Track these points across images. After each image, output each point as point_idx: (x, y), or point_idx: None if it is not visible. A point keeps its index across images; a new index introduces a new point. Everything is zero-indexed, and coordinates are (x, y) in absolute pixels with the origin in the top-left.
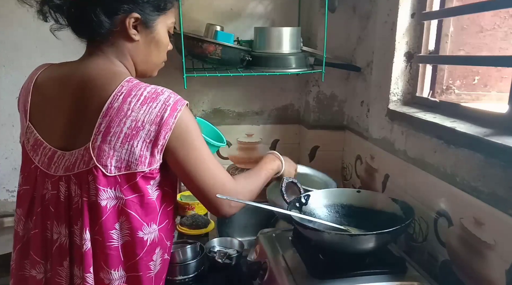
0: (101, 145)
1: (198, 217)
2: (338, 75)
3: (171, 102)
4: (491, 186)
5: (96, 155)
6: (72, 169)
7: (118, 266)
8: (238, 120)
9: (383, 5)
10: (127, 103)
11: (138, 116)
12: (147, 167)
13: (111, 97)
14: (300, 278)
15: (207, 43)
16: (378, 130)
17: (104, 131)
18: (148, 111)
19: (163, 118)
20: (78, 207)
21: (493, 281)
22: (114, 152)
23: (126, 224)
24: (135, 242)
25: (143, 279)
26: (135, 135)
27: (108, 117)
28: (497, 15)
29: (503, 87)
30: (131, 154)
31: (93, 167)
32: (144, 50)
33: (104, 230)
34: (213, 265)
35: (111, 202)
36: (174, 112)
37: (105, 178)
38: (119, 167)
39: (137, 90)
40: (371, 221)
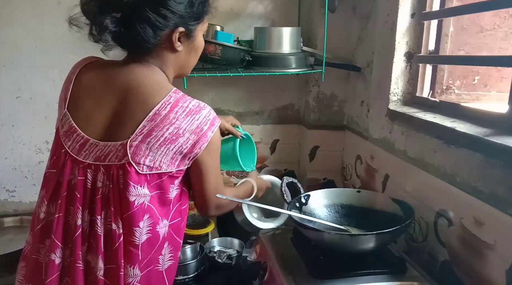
0: (140, 144)
1: (198, 217)
2: (338, 75)
3: (211, 118)
4: (491, 186)
5: (132, 152)
6: (103, 160)
7: (135, 264)
8: (238, 120)
9: (383, 5)
10: (174, 112)
11: (181, 125)
12: (175, 168)
13: (159, 104)
14: (300, 278)
15: (207, 43)
16: (378, 130)
17: (146, 133)
18: (191, 122)
19: (202, 130)
20: (103, 197)
21: (493, 281)
22: (150, 152)
23: (149, 220)
24: (154, 237)
25: (153, 273)
26: (174, 140)
27: (153, 122)
28: (497, 15)
29: (503, 87)
30: (165, 156)
31: (126, 163)
32: (184, 58)
33: (130, 226)
34: (213, 265)
35: (139, 199)
36: (212, 127)
37: (137, 175)
38: (151, 167)
39: (183, 102)
40: (371, 221)
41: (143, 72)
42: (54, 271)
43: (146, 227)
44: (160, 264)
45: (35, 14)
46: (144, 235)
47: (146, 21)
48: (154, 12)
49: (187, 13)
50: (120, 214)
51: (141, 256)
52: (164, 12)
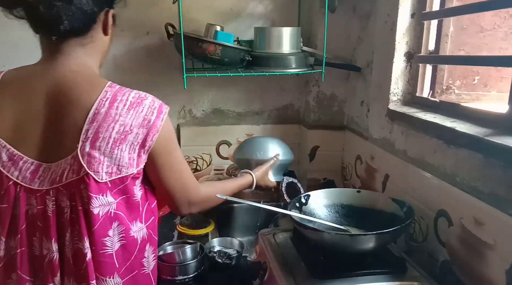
0: (91, 151)
1: (198, 217)
2: (338, 75)
3: (157, 106)
4: (491, 186)
5: (87, 162)
6: (59, 180)
7: (113, 273)
8: (238, 120)
9: (383, 5)
10: (114, 108)
11: (126, 121)
12: (136, 168)
13: (96, 102)
14: (300, 278)
15: (207, 43)
16: (378, 130)
17: (92, 137)
18: (135, 115)
19: (150, 121)
20: (68, 218)
21: (493, 281)
22: (105, 157)
23: (120, 228)
24: (129, 243)
25: (139, 277)
26: (123, 139)
27: (96, 123)
28: (497, 15)
29: (503, 87)
30: (120, 159)
31: (84, 175)
32: (108, 44)
33: (97, 238)
34: (213, 265)
35: (103, 209)
36: (160, 115)
37: (97, 184)
38: (110, 173)
39: (122, 95)
40: (371, 221)
41: (70, 67)
42: None
43: (117, 234)
44: (146, 267)
45: None
46: (117, 243)
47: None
48: None
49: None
50: (87, 230)
51: (117, 264)
52: None
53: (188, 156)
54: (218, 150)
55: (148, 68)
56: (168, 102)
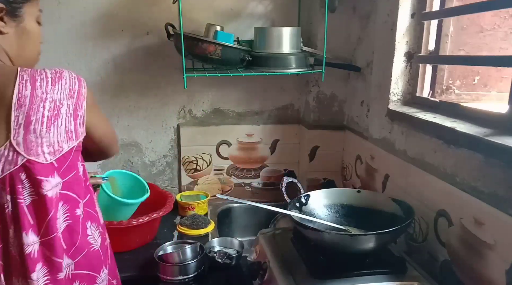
0: (26, 136)
1: (198, 217)
2: (338, 75)
3: (75, 75)
4: (491, 186)
5: (24, 148)
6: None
7: (62, 254)
8: (238, 120)
9: (383, 5)
10: (38, 88)
11: (54, 96)
12: (76, 141)
13: (16, 87)
14: (300, 278)
15: (207, 43)
16: (378, 130)
17: (25, 122)
18: (61, 88)
19: (75, 90)
20: (10, 213)
21: (493, 281)
22: (42, 138)
23: (65, 207)
24: (75, 222)
25: (89, 254)
26: (57, 115)
27: (24, 107)
28: (497, 15)
29: (503, 87)
30: (58, 135)
31: (25, 162)
32: (16, 43)
33: (53, 223)
34: (213, 265)
35: (53, 191)
36: (81, 82)
37: (43, 167)
38: (52, 152)
39: (38, 74)
40: (371, 221)
41: None
42: None
43: (63, 214)
44: (93, 244)
45: None
46: (63, 223)
47: None
48: None
49: None
50: (39, 221)
51: (65, 245)
52: None
53: (188, 156)
54: (218, 150)
55: (148, 68)
56: (168, 102)
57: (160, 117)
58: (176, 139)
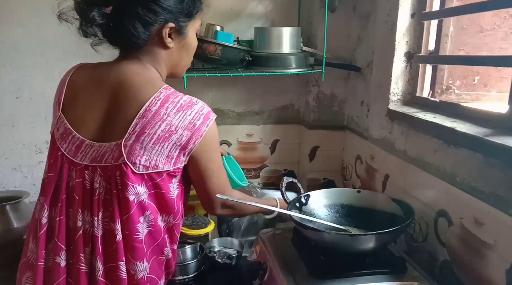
0: (134, 144)
1: (198, 217)
2: (338, 75)
3: (204, 112)
4: (491, 186)
5: (127, 152)
6: (99, 161)
7: (143, 258)
8: (238, 120)
9: (383, 5)
10: (164, 108)
11: (173, 121)
12: (172, 166)
13: (149, 100)
14: (300, 278)
15: (207, 43)
16: (378, 130)
17: (139, 131)
18: (183, 117)
19: (195, 125)
20: (102, 198)
21: (493, 281)
22: (145, 151)
23: (151, 216)
24: (155, 230)
25: (158, 262)
26: (167, 138)
27: (145, 119)
28: (497, 15)
29: (503, 87)
30: (160, 155)
31: (122, 163)
32: (177, 56)
33: (131, 223)
34: (213, 265)
35: (137, 198)
36: (206, 121)
37: (134, 175)
38: (147, 166)
39: (174, 97)
40: (371, 221)
41: (133, 69)
42: (60, 274)
43: (147, 221)
44: (164, 255)
45: (35, 14)
46: (145, 229)
47: (135, 16)
48: (144, 7)
49: (177, 8)
50: (120, 214)
51: (145, 249)
52: (153, 7)
53: None
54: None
55: None
56: None
57: None
58: None
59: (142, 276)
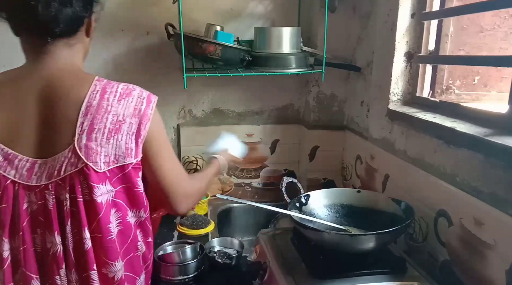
0: (88, 143)
1: (198, 217)
2: (338, 75)
3: (145, 96)
4: (491, 186)
5: (85, 154)
6: (57, 174)
7: (118, 257)
8: (238, 120)
9: (383, 5)
10: (105, 100)
11: (118, 111)
12: (134, 158)
13: (87, 95)
14: (300, 278)
15: (207, 43)
16: (378, 130)
17: (88, 129)
18: (126, 105)
19: (141, 110)
20: (67, 210)
21: (493, 281)
22: (101, 148)
23: (118, 214)
24: (126, 228)
25: (134, 258)
26: (118, 129)
27: (90, 115)
28: (497, 15)
29: (503, 87)
30: (117, 148)
31: (83, 166)
32: (88, 46)
33: (102, 225)
34: (213, 265)
35: (105, 198)
36: (150, 104)
37: (97, 174)
38: (107, 162)
39: (111, 87)
40: (371, 221)
41: (55, 64)
42: None
43: (116, 220)
44: (139, 249)
45: None
46: (116, 228)
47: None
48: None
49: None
50: (88, 220)
51: (119, 248)
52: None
53: (188, 156)
54: None
55: (148, 68)
56: (168, 102)
57: None
58: (176, 139)
59: (121, 275)
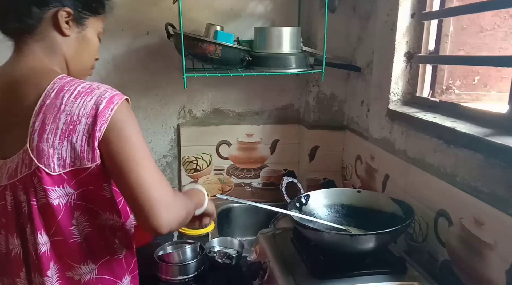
0: (39, 144)
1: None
2: (338, 75)
3: (107, 96)
4: (491, 186)
5: (36, 155)
6: (15, 175)
7: (86, 260)
8: (238, 120)
9: (383, 5)
10: (59, 98)
11: (72, 110)
12: (92, 163)
13: (43, 94)
14: (300, 278)
15: (207, 43)
16: (378, 130)
17: (40, 129)
18: (83, 104)
19: (98, 110)
20: (26, 212)
21: (493, 281)
22: (54, 150)
23: (83, 216)
24: (97, 231)
25: (114, 261)
26: (72, 130)
27: (42, 115)
28: (497, 15)
29: (503, 87)
30: (72, 151)
31: (35, 169)
32: (75, 47)
33: (63, 228)
34: (213, 265)
35: (62, 200)
36: (110, 105)
37: (50, 177)
38: (62, 165)
39: (70, 85)
40: (371, 221)
41: (27, 63)
42: None
43: (83, 222)
44: (120, 253)
45: None
46: (83, 230)
47: None
48: None
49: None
50: (45, 225)
51: (88, 251)
52: None
53: (188, 156)
54: (218, 150)
55: (148, 68)
56: (168, 102)
57: (160, 117)
58: (176, 139)
59: (90, 278)
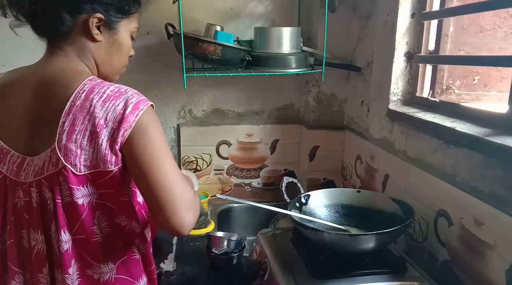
0: (67, 144)
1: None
2: (338, 75)
3: (134, 101)
4: (491, 186)
5: (64, 155)
6: (41, 173)
7: (106, 259)
8: (238, 120)
9: (383, 5)
10: (89, 100)
11: (101, 114)
12: (115, 166)
13: (73, 95)
14: (300, 278)
15: (207, 43)
16: (378, 130)
17: (69, 129)
18: (111, 108)
19: (124, 115)
20: (51, 209)
21: (493, 281)
22: (82, 150)
23: (103, 216)
24: (116, 231)
25: (130, 262)
26: (99, 133)
27: (72, 115)
28: (497, 15)
29: (503, 87)
30: (98, 153)
31: (62, 168)
32: (106, 51)
33: (87, 227)
34: (213, 265)
35: (87, 199)
36: (135, 111)
37: (76, 177)
38: (88, 166)
39: (100, 88)
40: (371, 221)
41: (59, 64)
42: None
43: (103, 222)
44: (136, 253)
45: None
46: (103, 230)
47: (59, 0)
48: None
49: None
50: (68, 222)
51: (107, 250)
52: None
53: (188, 156)
54: (218, 150)
55: (148, 68)
56: (168, 102)
57: (160, 117)
58: (176, 139)
59: (109, 277)
